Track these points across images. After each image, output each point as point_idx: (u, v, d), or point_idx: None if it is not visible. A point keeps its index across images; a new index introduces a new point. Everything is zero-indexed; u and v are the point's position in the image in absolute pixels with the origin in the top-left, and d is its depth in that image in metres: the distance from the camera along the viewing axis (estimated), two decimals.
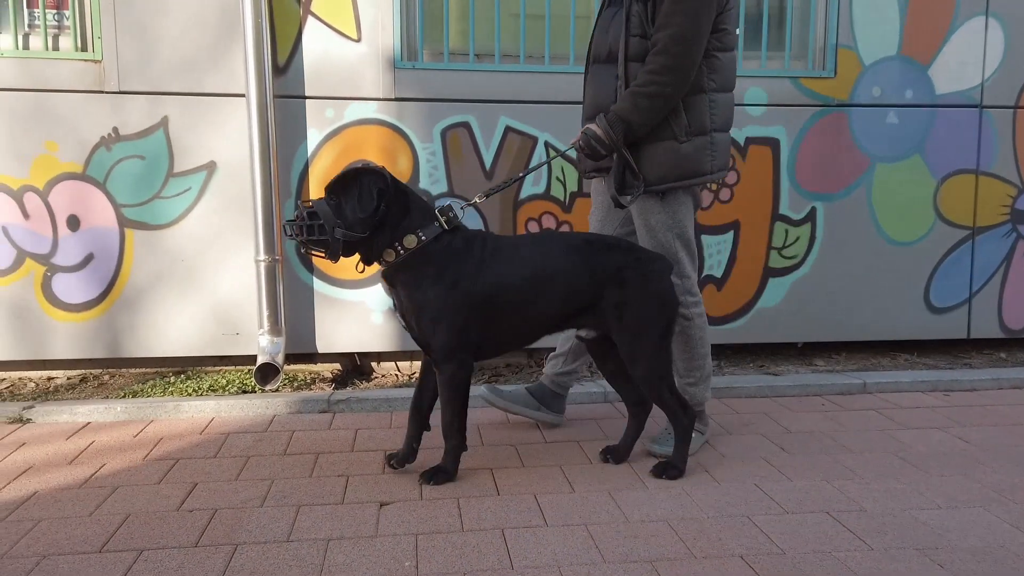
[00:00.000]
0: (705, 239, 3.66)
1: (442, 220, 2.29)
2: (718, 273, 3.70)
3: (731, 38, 2.44)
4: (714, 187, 3.59)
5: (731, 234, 3.68)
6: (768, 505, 2.20)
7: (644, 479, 2.38)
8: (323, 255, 2.25)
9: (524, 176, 2.59)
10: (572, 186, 3.55)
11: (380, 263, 2.31)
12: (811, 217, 3.72)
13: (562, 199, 3.55)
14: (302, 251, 2.28)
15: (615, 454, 2.54)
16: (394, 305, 2.37)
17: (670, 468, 2.39)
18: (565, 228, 3.56)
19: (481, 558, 1.89)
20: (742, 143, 3.62)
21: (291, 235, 2.25)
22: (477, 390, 2.91)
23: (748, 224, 3.69)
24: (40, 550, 1.91)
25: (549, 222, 3.55)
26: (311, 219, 2.22)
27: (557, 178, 3.54)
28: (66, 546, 1.93)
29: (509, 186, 2.54)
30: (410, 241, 2.24)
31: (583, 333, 2.48)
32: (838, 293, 3.76)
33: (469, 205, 2.47)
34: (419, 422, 2.44)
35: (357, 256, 2.31)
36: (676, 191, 2.46)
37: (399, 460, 2.44)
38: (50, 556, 1.88)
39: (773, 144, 3.65)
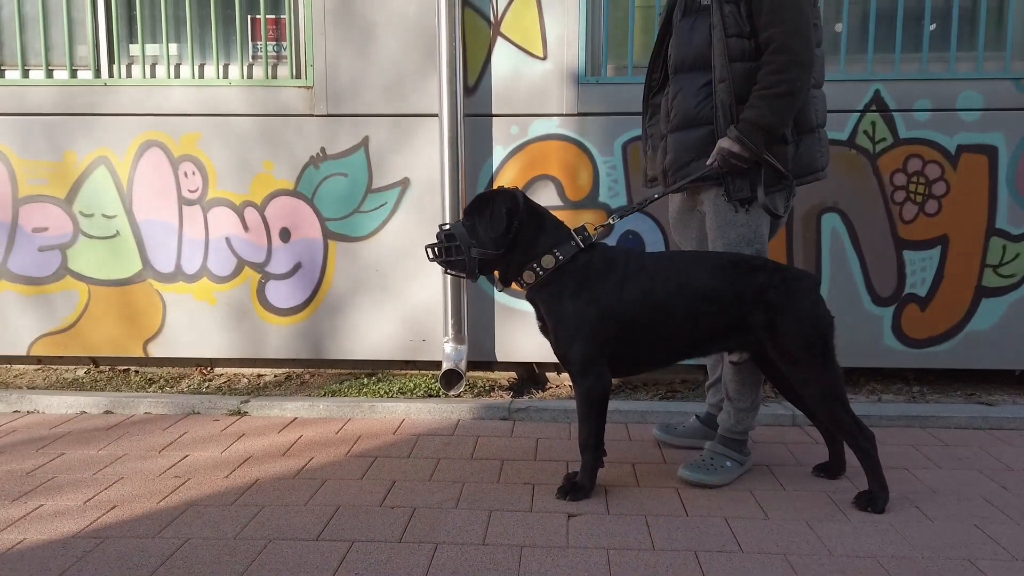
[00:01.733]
0: (908, 255, 3.40)
1: (578, 239, 2.32)
2: (922, 292, 3.41)
3: (820, 33, 2.43)
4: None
5: (938, 250, 3.39)
6: (993, 550, 2.00)
7: (845, 510, 2.24)
8: (462, 275, 2.33)
9: (660, 197, 2.51)
10: None
11: (521, 284, 2.37)
12: None
13: None
14: (444, 272, 2.41)
15: (827, 471, 2.51)
16: (539, 323, 2.42)
17: (875, 500, 2.24)
18: None
19: None
20: (953, 151, 3.33)
21: (432, 257, 2.37)
22: (651, 431, 2.92)
23: (958, 239, 3.38)
24: (267, 534, 2.11)
25: None
26: (448, 240, 2.33)
27: None
28: (288, 532, 2.12)
29: (644, 207, 2.52)
30: (548, 261, 2.30)
31: (734, 357, 2.42)
32: None
33: (603, 226, 2.46)
34: None
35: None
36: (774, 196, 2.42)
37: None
38: (275, 540, 2.07)
39: (990, 152, 3.33)
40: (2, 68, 3.68)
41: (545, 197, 3.49)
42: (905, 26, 3.39)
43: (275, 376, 3.79)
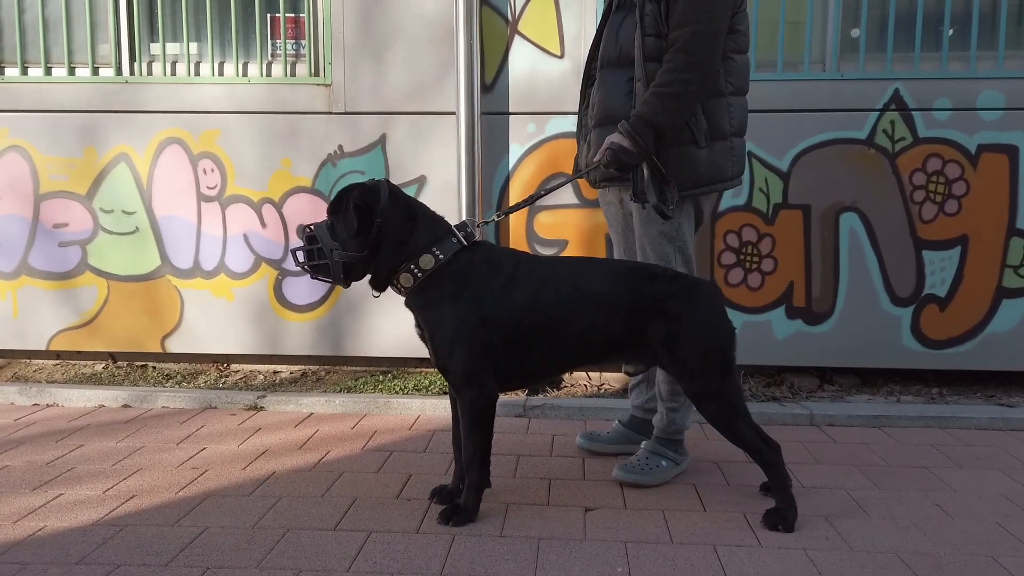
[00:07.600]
0: (927, 255, 3.38)
1: (460, 236, 2.12)
2: (941, 292, 3.39)
3: (745, 40, 2.35)
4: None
5: (958, 250, 3.36)
6: (1016, 547, 1.98)
7: (865, 508, 2.23)
8: (329, 280, 2.12)
9: (544, 195, 2.41)
10: (776, 197, 3.41)
11: (397, 289, 2.16)
12: None
13: (764, 211, 3.42)
14: (312, 278, 2.16)
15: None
16: (418, 331, 2.21)
17: (784, 517, 2.08)
18: (767, 241, 3.43)
19: (694, 572, 1.85)
20: (973, 151, 3.31)
21: (297, 264, 2.13)
22: (574, 441, 2.81)
23: (978, 239, 3.36)
24: (284, 524, 2.11)
25: (750, 235, 3.43)
26: (310, 243, 2.10)
27: (760, 189, 3.42)
28: (305, 522, 2.12)
29: (529, 204, 2.34)
30: (426, 261, 2.08)
31: (629, 368, 2.30)
32: None
33: (485, 224, 2.33)
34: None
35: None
36: (681, 202, 2.35)
37: (445, 495, 2.25)
38: (293, 530, 2.07)
39: (1011, 151, 3.30)
40: (25, 66, 3.73)
41: (561, 195, 3.49)
42: (925, 25, 3.37)
43: (291, 373, 3.81)
